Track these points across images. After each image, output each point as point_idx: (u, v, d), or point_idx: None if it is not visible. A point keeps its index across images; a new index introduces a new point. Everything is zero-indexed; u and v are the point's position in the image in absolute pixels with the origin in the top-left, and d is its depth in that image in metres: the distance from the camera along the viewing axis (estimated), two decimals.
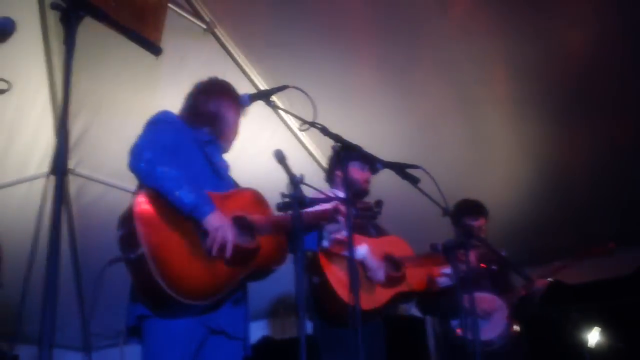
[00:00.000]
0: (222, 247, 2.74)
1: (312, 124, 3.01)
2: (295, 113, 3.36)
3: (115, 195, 5.20)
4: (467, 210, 4.51)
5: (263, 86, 4.80)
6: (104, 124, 4.96)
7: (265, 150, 5.03)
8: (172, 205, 2.70)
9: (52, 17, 4.54)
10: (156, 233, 2.66)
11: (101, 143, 5.06)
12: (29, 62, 4.58)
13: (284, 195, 2.78)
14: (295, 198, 2.73)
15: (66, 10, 1.83)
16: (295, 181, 2.76)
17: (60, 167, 1.76)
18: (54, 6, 1.83)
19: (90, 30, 1.98)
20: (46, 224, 5.27)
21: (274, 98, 3.22)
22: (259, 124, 4.95)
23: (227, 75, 3.50)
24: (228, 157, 3.26)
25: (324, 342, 3.70)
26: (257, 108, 3.32)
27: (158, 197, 2.71)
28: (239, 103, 3.22)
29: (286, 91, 3.20)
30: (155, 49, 2.00)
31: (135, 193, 2.80)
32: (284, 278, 3.00)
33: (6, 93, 3.21)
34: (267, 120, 5.03)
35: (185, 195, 2.70)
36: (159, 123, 2.96)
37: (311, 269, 3.71)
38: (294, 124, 5.16)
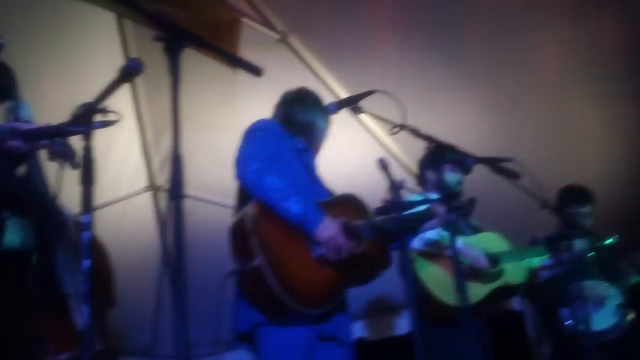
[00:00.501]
0: (337, 256, 2.78)
1: (403, 127, 2.98)
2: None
3: (205, 208, 5.33)
4: (571, 198, 4.33)
5: (340, 91, 4.80)
6: (189, 140, 5.07)
7: (345, 154, 5.07)
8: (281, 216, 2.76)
9: (133, 40, 4.74)
10: (270, 244, 2.71)
11: (187, 158, 5.20)
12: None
13: (385, 201, 2.85)
14: (397, 203, 2.78)
15: (169, 41, 1.89)
16: (397, 186, 2.79)
17: (177, 192, 1.81)
18: (158, 39, 1.90)
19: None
20: (144, 240, 5.48)
21: (363, 104, 3.22)
22: (337, 128, 4.95)
23: (304, 83, 3.54)
24: None
25: (429, 342, 3.69)
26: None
27: (267, 206, 2.76)
28: (325, 109, 3.25)
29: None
30: (256, 70, 2.03)
31: (234, 208, 2.88)
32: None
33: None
34: (344, 124, 5.04)
35: (293, 206, 2.74)
36: (260, 131, 3.00)
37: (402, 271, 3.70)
38: (373, 126, 5.13)
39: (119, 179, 5.20)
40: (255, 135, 2.97)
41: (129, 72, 1.84)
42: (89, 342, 1.82)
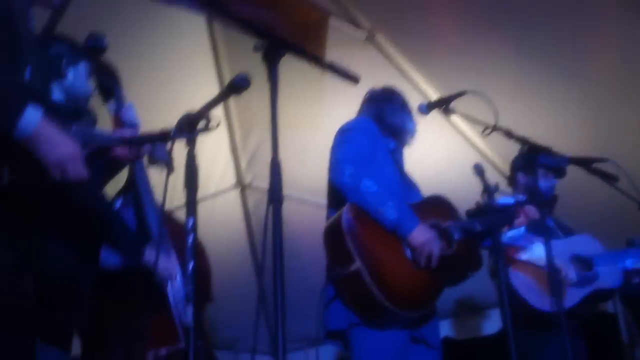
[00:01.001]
0: (429, 260, 2.79)
1: (495, 128, 2.95)
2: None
3: (290, 205, 5.40)
4: None
5: (429, 91, 4.76)
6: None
7: (430, 154, 5.02)
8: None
9: (222, 42, 4.86)
10: (368, 247, 2.75)
11: None
12: (204, 84, 4.91)
13: (478, 203, 2.89)
14: (491, 207, 2.84)
15: (267, 50, 1.95)
16: (491, 190, 2.82)
17: (276, 196, 1.86)
18: (257, 48, 1.95)
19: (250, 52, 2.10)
20: (231, 236, 5.59)
21: (453, 105, 3.20)
22: (424, 128, 4.92)
23: (391, 82, 3.54)
24: None
25: (521, 344, 3.64)
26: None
27: (363, 210, 2.79)
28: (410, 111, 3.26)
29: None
30: (353, 79, 2.06)
31: (327, 208, 2.93)
32: None
33: None
34: (431, 123, 4.99)
35: (389, 211, 2.77)
36: (354, 130, 3.02)
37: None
38: (462, 125, 5.05)
39: (208, 177, 5.34)
40: (350, 135, 2.99)
41: (237, 87, 1.90)
42: (194, 339, 1.88)
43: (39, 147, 1.75)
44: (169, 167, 2.89)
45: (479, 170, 2.90)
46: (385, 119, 3.18)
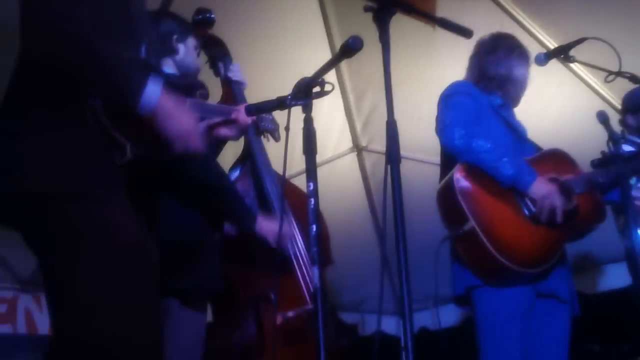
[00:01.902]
0: (552, 214, 2.73)
1: (619, 74, 2.84)
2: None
3: (407, 166, 5.35)
4: None
5: (547, 41, 4.53)
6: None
7: (551, 105, 4.81)
8: (490, 177, 2.74)
9: (331, 4, 4.87)
10: (481, 205, 2.74)
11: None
12: (314, 48, 4.94)
13: (603, 153, 2.81)
14: (617, 156, 2.73)
15: (378, 10, 1.94)
16: (616, 138, 2.73)
17: (393, 157, 1.92)
18: (367, 9, 1.94)
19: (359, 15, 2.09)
20: (350, 199, 5.62)
21: (572, 52, 3.07)
22: (544, 78, 4.71)
23: (505, 30, 3.42)
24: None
25: None
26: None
27: (474, 169, 2.77)
28: (528, 58, 3.12)
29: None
30: (466, 32, 2.02)
31: (440, 172, 2.89)
32: None
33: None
34: (550, 72, 4.78)
35: (505, 167, 2.73)
36: (455, 95, 2.98)
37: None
38: (583, 73, 4.80)
39: (324, 142, 5.38)
40: (452, 99, 2.96)
41: (350, 49, 1.91)
42: (322, 300, 1.94)
43: (160, 120, 1.78)
44: (275, 136, 2.97)
45: (603, 118, 2.77)
46: (488, 73, 3.08)
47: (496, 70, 3.07)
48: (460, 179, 2.76)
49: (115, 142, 1.73)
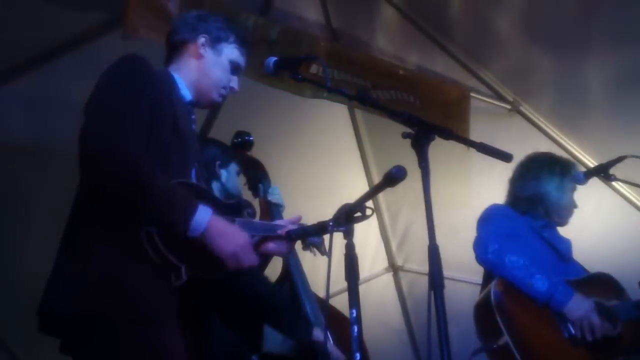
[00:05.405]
0: (591, 332, 2.67)
1: None
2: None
3: (447, 286, 5.25)
4: None
5: (584, 158, 4.50)
6: (423, 219, 5.12)
7: (590, 223, 4.72)
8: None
9: (363, 125, 4.97)
10: (517, 321, 2.69)
11: (424, 237, 5.22)
12: (349, 169, 5.00)
13: None
14: None
15: (416, 137, 1.97)
16: None
17: (437, 282, 1.94)
18: (405, 135, 1.98)
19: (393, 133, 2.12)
20: (387, 319, 5.45)
21: (612, 171, 3.06)
22: (583, 194, 4.67)
23: (541, 149, 3.44)
24: None
25: None
26: None
27: (512, 285, 2.75)
28: (561, 173, 3.10)
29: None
30: (506, 157, 2.02)
31: (484, 281, 2.89)
32: None
33: None
34: (588, 188, 4.74)
35: (538, 284, 2.70)
36: (493, 216, 3.01)
37: None
38: (626, 190, 4.74)
39: (360, 262, 5.32)
40: (490, 219, 3.00)
41: (393, 179, 1.92)
42: None
43: (213, 241, 1.88)
44: (322, 251, 2.96)
45: None
46: (521, 194, 3.12)
47: (523, 192, 3.11)
48: (497, 292, 2.75)
49: (171, 265, 1.82)
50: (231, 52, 2.23)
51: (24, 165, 4.06)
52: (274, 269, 3.12)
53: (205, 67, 2.18)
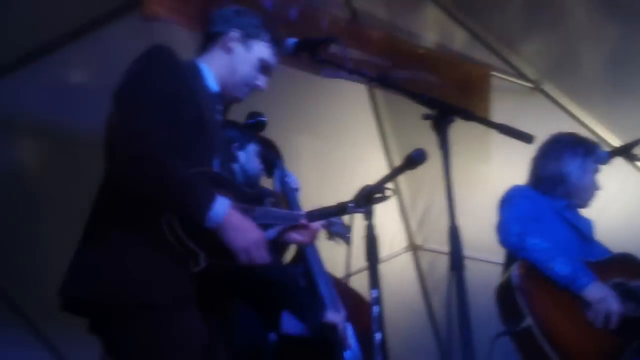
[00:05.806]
0: (607, 319, 2.67)
1: None
2: None
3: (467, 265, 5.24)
4: None
5: (608, 137, 4.45)
6: (443, 199, 5.10)
7: (613, 204, 4.66)
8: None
9: (383, 106, 4.94)
10: (539, 304, 2.70)
11: (444, 217, 5.20)
12: (369, 149, 4.98)
13: None
14: None
15: (437, 118, 1.97)
16: None
17: (457, 263, 1.94)
18: (426, 117, 1.98)
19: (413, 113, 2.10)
20: (407, 299, 5.47)
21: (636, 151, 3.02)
22: (606, 174, 4.61)
23: (563, 128, 3.38)
24: None
25: None
26: None
27: (534, 267, 2.75)
28: (585, 154, 3.06)
29: None
30: (527, 138, 2.00)
31: (505, 263, 2.89)
32: None
33: None
34: (611, 168, 4.68)
35: (559, 267, 2.70)
36: (514, 198, 2.99)
37: None
38: None
39: (380, 242, 5.34)
40: (511, 201, 2.98)
41: (414, 162, 1.92)
42: None
43: (226, 234, 1.92)
44: (346, 240, 2.96)
45: None
46: (541, 174, 3.10)
47: (548, 170, 3.08)
48: (519, 275, 2.75)
49: (190, 251, 1.88)
50: (262, 50, 2.23)
51: (49, 150, 4.10)
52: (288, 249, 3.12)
53: (233, 62, 2.20)
